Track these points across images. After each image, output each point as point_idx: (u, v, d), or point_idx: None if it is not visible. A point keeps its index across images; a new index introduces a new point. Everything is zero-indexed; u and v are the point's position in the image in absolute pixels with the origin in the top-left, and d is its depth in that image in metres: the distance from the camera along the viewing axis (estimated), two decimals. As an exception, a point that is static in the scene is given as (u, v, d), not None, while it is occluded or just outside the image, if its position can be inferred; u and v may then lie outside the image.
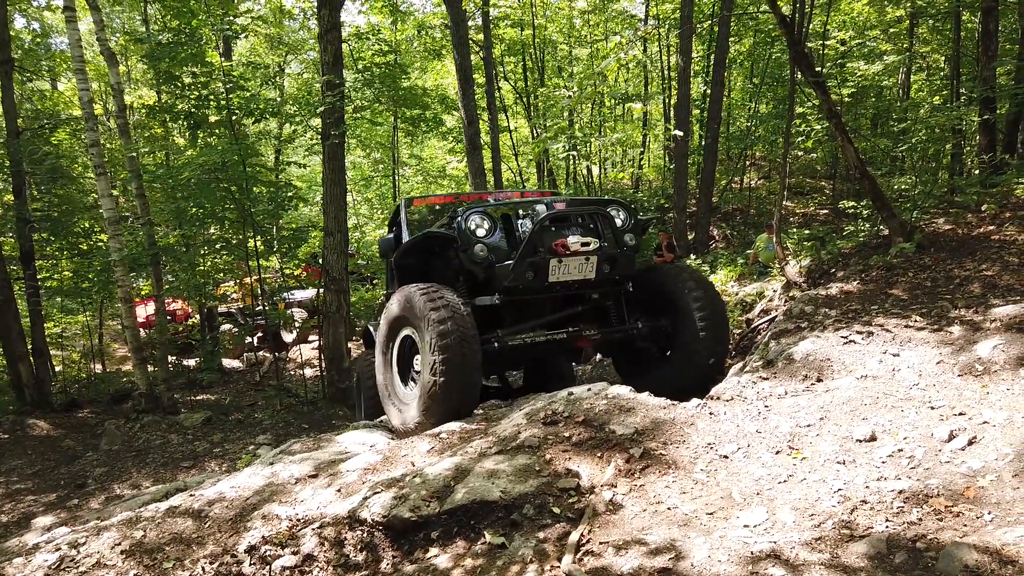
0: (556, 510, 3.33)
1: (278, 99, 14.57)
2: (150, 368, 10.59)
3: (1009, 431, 3.22)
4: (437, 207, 6.65)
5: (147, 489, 6.80)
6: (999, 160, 9.10)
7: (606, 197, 6.29)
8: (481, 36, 16.75)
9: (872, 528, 2.72)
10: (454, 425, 4.59)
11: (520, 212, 5.26)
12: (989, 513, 2.69)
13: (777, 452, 3.51)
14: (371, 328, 7.32)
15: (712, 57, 15.27)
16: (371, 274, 17.16)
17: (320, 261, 10.98)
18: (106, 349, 15.01)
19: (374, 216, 21.56)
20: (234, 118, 10.35)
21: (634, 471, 3.53)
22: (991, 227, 6.56)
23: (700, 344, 5.25)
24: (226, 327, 13.70)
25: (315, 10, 10.83)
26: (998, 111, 9.98)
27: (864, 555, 2.55)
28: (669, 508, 3.16)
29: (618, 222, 5.35)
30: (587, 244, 4.98)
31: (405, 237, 6.01)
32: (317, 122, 11.20)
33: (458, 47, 13.79)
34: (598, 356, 8.77)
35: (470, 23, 15.84)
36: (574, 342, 5.39)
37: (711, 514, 3.03)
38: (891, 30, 16.64)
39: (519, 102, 20.72)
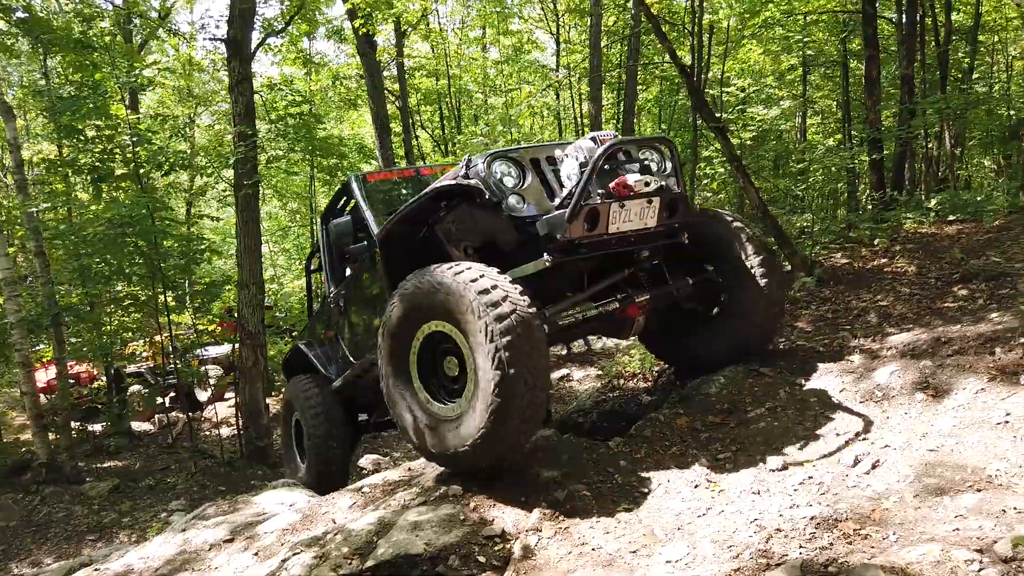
0: (481, 559, 3.29)
1: (188, 151, 14.25)
2: (51, 436, 9.98)
3: (908, 453, 3.39)
4: (398, 181, 5.68)
5: (49, 566, 6.36)
6: (889, 197, 9.71)
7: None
8: (397, 86, 16.94)
9: (787, 555, 2.80)
10: (376, 478, 4.49)
11: (553, 154, 4.20)
12: (894, 533, 2.81)
13: (696, 486, 3.58)
14: (305, 349, 6.23)
15: (622, 105, 15.85)
16: (290, 326, 16.78)
17: (235, 315, 10.68)
18: (2, 418, 14.07)
19: (292, 267, 21.17)
20: (142, 171, 10.06)
21: (559, 513, 3.54)
22: (884, 260, 6.96)
23: (762, 294, 4.48)
24: (135, 388, 13.08)
25: (225, 62, 10.72)
26: (885, 151, 10.68)
27: (781, 583, 2.62)
28: (594, 549, 3.17)
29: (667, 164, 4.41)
30: (648, 184, 4.03)
31: (370, 215, 5.04)
32: (230, 173, 11.01)
33: (373, 97, 13.90)
34: None
35: (385, 73, 16.02)
36: (626, 311, 4.41)
37: (634, 552, 3.06)
38: (786, 77, 17.72)
39: (437, 150, 20.91)
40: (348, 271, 5.72)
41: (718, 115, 12.59)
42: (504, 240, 4.22)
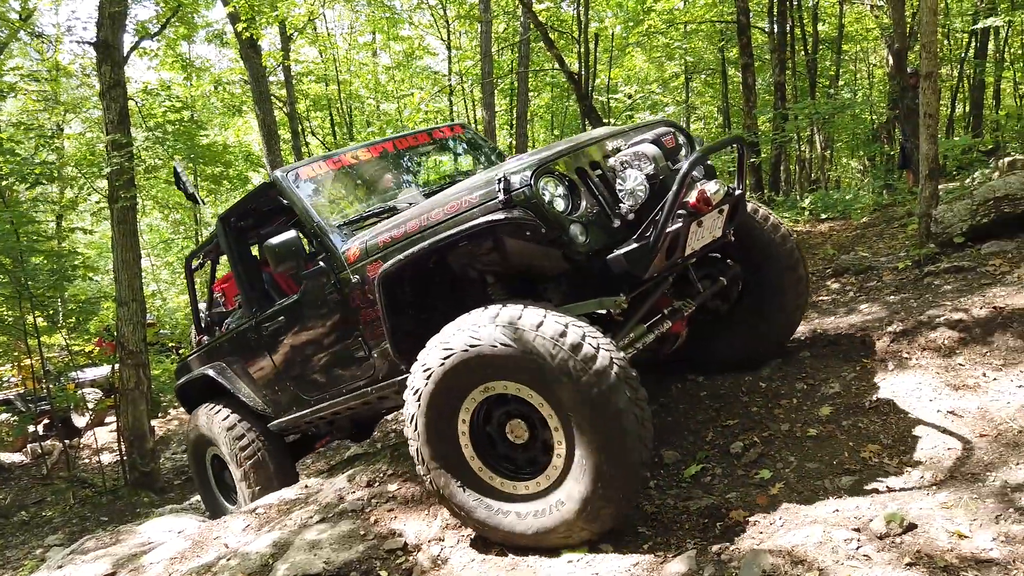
0: (383, 573, 3.23)
1: (56, 161, 13.35)
2: (-94, 474, 9.10)
3: (791, 441, 3.57)
4: (344, 171, 4.52)
5: (-97, 618, 5.78)
6: (767, 198, 10.25)
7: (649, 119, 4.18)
8: (284, 91, 16.46)
9: (683, 547, 2.88)
10: (271, 497, 4.33)
11: (597, 158, 3.47)
12: (780, 518, 2.94)
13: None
14: (219, 378, 5.07)
15: (515, 111, 16.01)
16: (176, 344, 15.98)
17: (114, 334, 10.08)
18: None
19: (176, 281, 20.19)
20: (3, 183, 9.34)
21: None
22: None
23: (788, 283, 4.12)
24: (2, 417, 12.11)
25: (95, 66, 10.11)
26: (762, 154, 11.26)
27: (677, 573, 2.69)
28: (497, 554, 3.16)
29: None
30: (719, 191, 3.43)
31: (329, 230, 3.97)
32: (104, 184, 10.38)
33: (259, 103, 13.45)
34: None
35: (271, 78, 15.53)
36: (674, 327, 3.87)
37: (536, 554, 3.07)
38: (670, 84, 18.42)
39: (328, 157, 20.48)
40: (262, 277, 4.92)
41: (606, 121, 12.94)
42: (544, 270, 3.52)
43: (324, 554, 3.35)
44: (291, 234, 3.85)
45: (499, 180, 3.15)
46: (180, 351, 16.15)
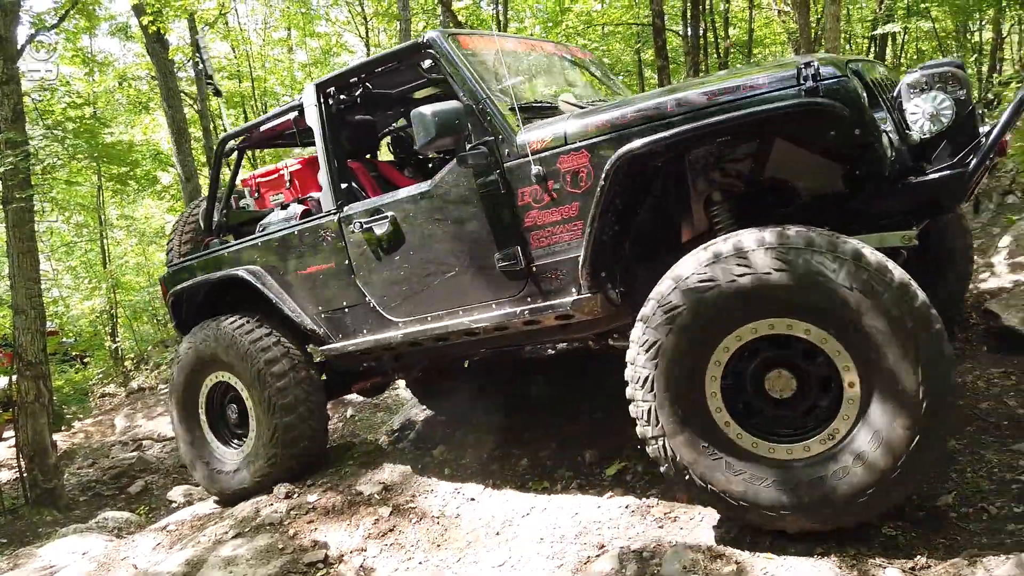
0: (303, 587, 3.14)
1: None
2: None
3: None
4: (518, 53, 3.89)
5: None
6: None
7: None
8: (195, 88, 15.90)
9: (606, 546, 2.90)
10: (184, 513, 4.15)
11: (874, 74, 3.01)
12: (700, 514, 3.00)
13: (520, 486, 3.63)
14: (255, 281, 4.12)
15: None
16: (81, 352, 15.19)
17: (11, 343, 9.50)
18: None
19: (80, 286, 19.20)
20: None
21: (384, 530, 3.45)
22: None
23: (960, 255, 3.77)
24: None
25: (-15, 59, 9.51)
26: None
27: (601, 573, 2.71)
28: (420, 562, 3.12)
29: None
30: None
31: (495, 110, 3.23)
32: (-3, 185, 9.77)
33: (168, 99, 12.95)
34: None
35: (181, 74, 14.98)
36: None
37: (459, 560, 3.05)
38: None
39: (246, 156, 19.88)
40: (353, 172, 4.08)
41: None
42: (800, 190, 3.05)
43: (240, 571, 3.23)
44: (455, 103, 3.21)
45: (804, 64, 2.62)
46: (85, 360, 15.37)
